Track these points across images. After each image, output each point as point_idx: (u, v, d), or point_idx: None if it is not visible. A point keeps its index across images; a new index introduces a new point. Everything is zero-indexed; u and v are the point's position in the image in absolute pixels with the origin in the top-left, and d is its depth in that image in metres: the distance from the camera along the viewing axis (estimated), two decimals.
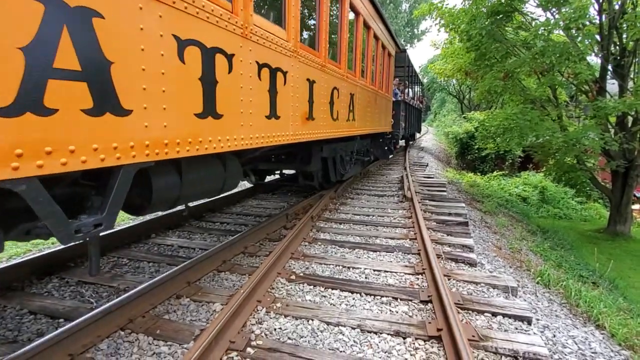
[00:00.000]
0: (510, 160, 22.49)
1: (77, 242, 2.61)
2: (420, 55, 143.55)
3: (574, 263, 7.80)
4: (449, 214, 5.70)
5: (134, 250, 4.04)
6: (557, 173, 12.88)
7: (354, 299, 3.01)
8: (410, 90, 16.22)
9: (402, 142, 19.44)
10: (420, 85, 23.55)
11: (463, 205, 6.41)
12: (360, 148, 8.02)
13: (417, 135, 25.77)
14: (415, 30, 49.89)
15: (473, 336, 2.44)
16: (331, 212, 5.81)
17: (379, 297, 3.03)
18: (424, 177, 9.57)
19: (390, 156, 11.84)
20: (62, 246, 3.89)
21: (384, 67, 8.92)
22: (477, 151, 20.74)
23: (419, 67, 48.08)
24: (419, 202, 6.24)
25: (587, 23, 9.13)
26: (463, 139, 23.50)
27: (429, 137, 34.07)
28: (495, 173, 19.44)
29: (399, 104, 11.59)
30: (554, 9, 9.73)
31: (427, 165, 12.52)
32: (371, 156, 9.46)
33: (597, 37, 10.22)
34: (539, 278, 4.57)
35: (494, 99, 19.05)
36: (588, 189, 13.50)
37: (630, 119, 10.86)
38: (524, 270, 4.80)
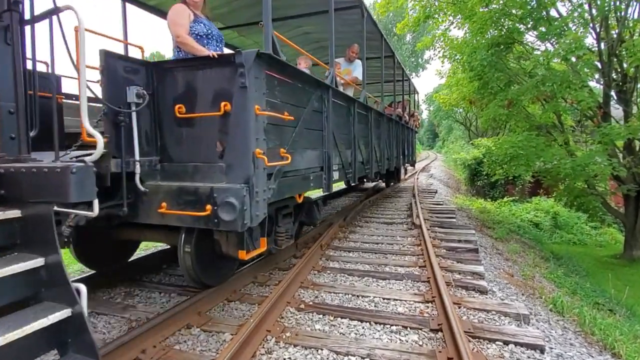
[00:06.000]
0: (520, 186, 22.27)
1: None
2: (425, 84, 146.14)
3: (590, 290, 7.59)
4: (459, 241, 5.67)
5: (146, 281, 4.10)
6: (567, 198, 12.74)
7: (363, 327, 3.00)
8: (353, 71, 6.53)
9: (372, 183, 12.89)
10: (411, 90, 12.81)
11: (473, 231, 6.38)
12: None
13: (410, 169, 16.84)
14: (420, 59, 51.20)
15: None
16: (340, 241, 5.84)
17: (388, 326, 3.03)
18: (433, 204, 9.56)
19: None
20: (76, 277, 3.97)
21: None
22: (486, 177, 20.61)
23: (425, 95, 48.77)
24: (428, 229, 6.23)
25: (586, 51, 9.30)
26: (471, 165, 23.45)
27: (437, 163, 34.13)
28: (505, 199, 19.21)
29: (293, 88, 3.52)
30: (553, 39, 9.99)
31: (436, 192, 12.50)
32: None
33: (598, 64, 10.39)
34: (552, 305, 4.49)
35: (499, 126, 19.16)
36: (601, 213, 13.30)
37: (637, 143, 10.84)
38: (537, 298, 4.71)
